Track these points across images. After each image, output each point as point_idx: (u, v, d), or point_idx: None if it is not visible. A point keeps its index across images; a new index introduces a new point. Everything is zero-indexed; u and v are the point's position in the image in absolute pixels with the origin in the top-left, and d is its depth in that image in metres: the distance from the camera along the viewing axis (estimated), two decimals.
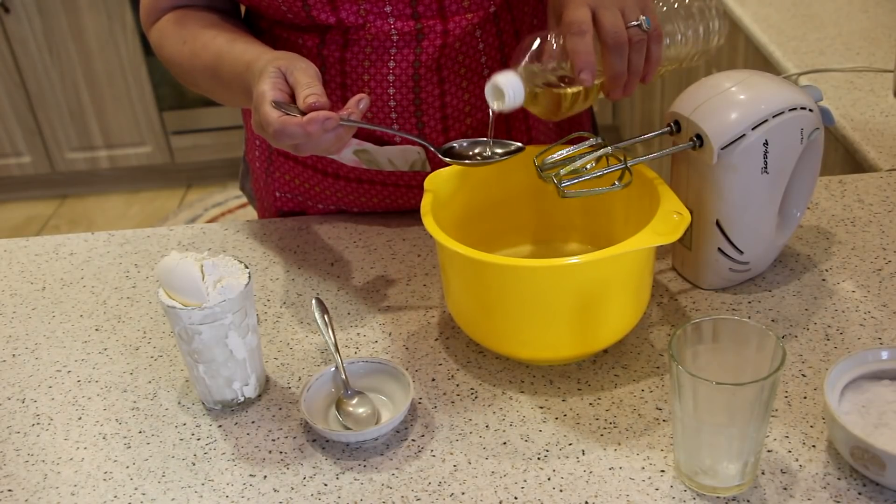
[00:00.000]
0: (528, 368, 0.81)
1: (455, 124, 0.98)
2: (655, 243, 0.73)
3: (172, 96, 3.05)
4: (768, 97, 0.81)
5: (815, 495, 0.67)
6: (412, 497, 0.69)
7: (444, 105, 0.96)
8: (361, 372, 0.79)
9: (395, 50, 0.92)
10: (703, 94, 0.82)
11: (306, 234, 1.04)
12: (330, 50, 0.93)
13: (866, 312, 0.85)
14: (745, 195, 0.83)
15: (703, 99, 0.81)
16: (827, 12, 1.65)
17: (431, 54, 0.92)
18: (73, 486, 0.73)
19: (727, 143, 0.80)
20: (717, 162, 0.80)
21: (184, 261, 0.74)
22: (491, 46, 0.96)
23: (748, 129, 0.80)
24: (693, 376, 0.62)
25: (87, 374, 0.85)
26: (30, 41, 2.91)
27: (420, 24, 0.91)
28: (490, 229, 0.92)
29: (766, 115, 0.80)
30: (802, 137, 0.83)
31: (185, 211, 3.12)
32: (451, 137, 0.98)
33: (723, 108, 0.80)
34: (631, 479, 0.69)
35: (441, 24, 0.91)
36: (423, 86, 0.94)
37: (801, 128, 0.82)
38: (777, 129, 0.81)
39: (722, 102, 0.81)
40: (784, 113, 0.81)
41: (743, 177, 0.82)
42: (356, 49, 0.93)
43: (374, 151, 0.97)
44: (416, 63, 0.92)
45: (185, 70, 0.95)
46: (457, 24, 0.92)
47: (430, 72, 0.94)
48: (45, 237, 1.08)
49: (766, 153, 0.81)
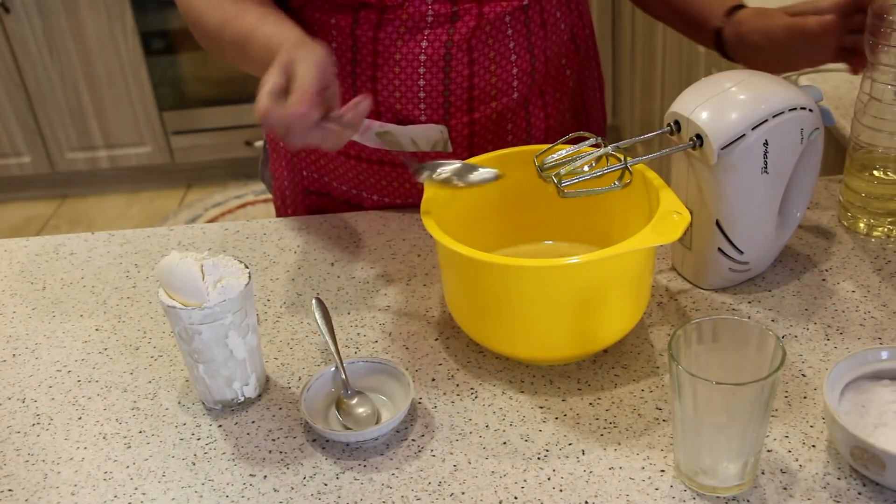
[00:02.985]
0: (528, 368, 0.81)
1: (480, 106, 0.99)
2: (655, 243, 0.73)
3: (172, 96, 3.05)
4: (768, 97, 0.81)
5: (815, 495, 0.67)
6: (412, 497, 0.69)
7: (471, 86, 0.98)
8: (361, 372, 0.79)
9: (428, 30, 0.95)
10: (704, 94, 0.82)
11: (306, 234, 1.04)
12: (363, 30, 0.96)
13: (866, 312, 0.85)
14: (745, 195, 0.83)
15: (703, 99, 0.81)
16: None
17: (464, 35, 0.95)
18: (73, 486, 0.73)
19: (727, 142, 0.80)
20: (717, 162, 0.80)
21: (184, 261, 0.74)
22: (519, 34, 0.98)
23: (748, 129, 0.80)
24: (693, 376, 0.62)
25: (87, 374, 0.85)
26: (30, 41, 2.91)
27: (456, 7, 0.94)
28: (490, 229, 0.92)
29: (767, 114, 0.80)
30: (802, 137, 0.83)
31: (185, 211, 3.12)
32: (476, 119, 1.00)
33: (723, 108, 0.80)
34: (631, 479, 0.69)
35: (477, 8, 0.94)
36: (454, 66, 0.96)
37: (802, 127, 0.82)
38: (777, 129, 0.81)
39: (722, 102, 0.81)
40: (784, 113, 0.81)
41: (743, 177, 0.82)
42: (390, 29, 0.95)
43: (397, 132, 0.99)
44: (448, 43, 0.95)
45: (211, 37, 0.95)
46: (492, 8, 0.95)
47: (461, 52, 0.96)
48: (45, 237, 1.08)
49: (766, 153, 0.81)
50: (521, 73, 1.00)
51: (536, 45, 1.00)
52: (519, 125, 1.03)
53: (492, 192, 0.90)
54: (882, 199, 0.93)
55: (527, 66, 1.00)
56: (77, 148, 3.11)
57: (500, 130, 1.02)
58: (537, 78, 1.02)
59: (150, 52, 2.96)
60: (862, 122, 0.91)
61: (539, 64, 1.01)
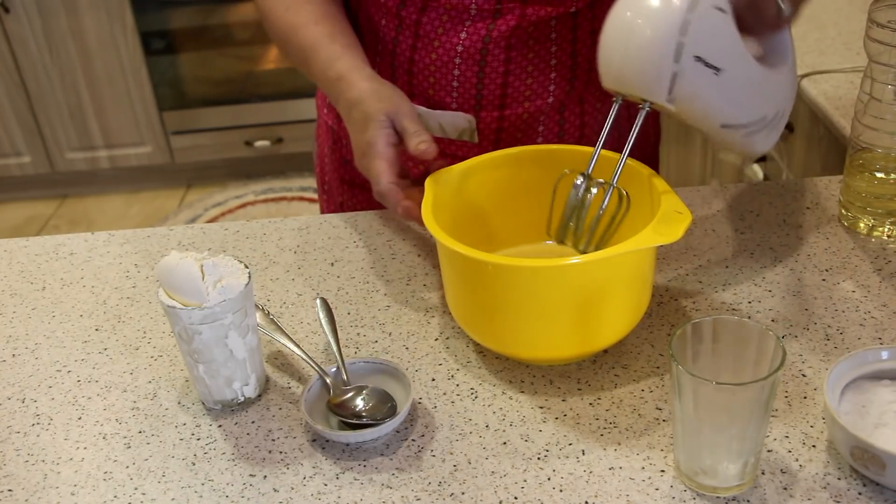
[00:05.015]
0: (528, 368, 0.81)
1: (512, 104, 1.00)
2: (656, 243, 0.73)
3: (172, 96, 3.05)
4: (669, 19, 0.74)
5: (815, 495, 0.67)
6: (412, 497, 0.69)
7: (505, 84, 0.98)
8: (361, 372, 0.79)
9: (469, 22, 0.95)
10: (617, 55, 0.77)
11: (306, 234, 1.04)
12: (408, 11, 0.97)
13: (866, 312, 0.85)
14: (721, 98, 0.78)
15: (618, 61, 0.77)
16: (827, 12, 1.65)
17: (503, 32, 0.95)
18: (73, 486, 0.73)
19: (668, 89, 0.75)
20: (676, 104, 0.77)
21: (184, 261, 0.74)
22: (564, 40, 0.98)
23: (673, 65, 0.75)
24: (693, 376, 0.62)
25: (87, 374, 0.85)
26: (30, 41, 2.91)
27: (500, 5, 0.94)
28: (491, 229, 0.92)
29: (679, 40, 0.74)
30: (724, 10, 0.76)
31: (185, 211, 3.12)
32: (506, 115, 1.01)
33: (640, 59, 0.75)
34: (631, 479, 0.69)
35: (520, 8, 0.94)
36: (489, 61, 0.97)
37: (717, 6, 0.75)
38: (697, 40, 0.74)
39: (636, 53, 0.75)
40: (690, 26, 0.73)
41: (707, 91, 0.77)
42: (433, 15, 0.96)
43: (427, 115, 0.99)
44: (486, 38, 0.95)
45: (278, 36, 0.99)
46: (535, 11, 0.95)
47: (498, 48, 0.96)
48: (45, 237, 1.08)
49: (707, 63, 0.75)
50: (559, 78, 0.99)
51: (581, 52, 0.99)
52: (551, 128, 1.03)
53: (492, 191, 0.90)
54: (882, 199, 0.93)
55: (567, 73, 1.00)
56: (77, 148, 3.11)
57: (529, 130, 1.02)
58: (577, 85, 1.01)
59: (150, 52, 2.96)
60: (862, 122, 0.91)
61: (581, 72, 1.00)
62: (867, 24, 0.87)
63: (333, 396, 0.77)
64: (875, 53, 0.88)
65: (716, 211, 1.01)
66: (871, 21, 0.87)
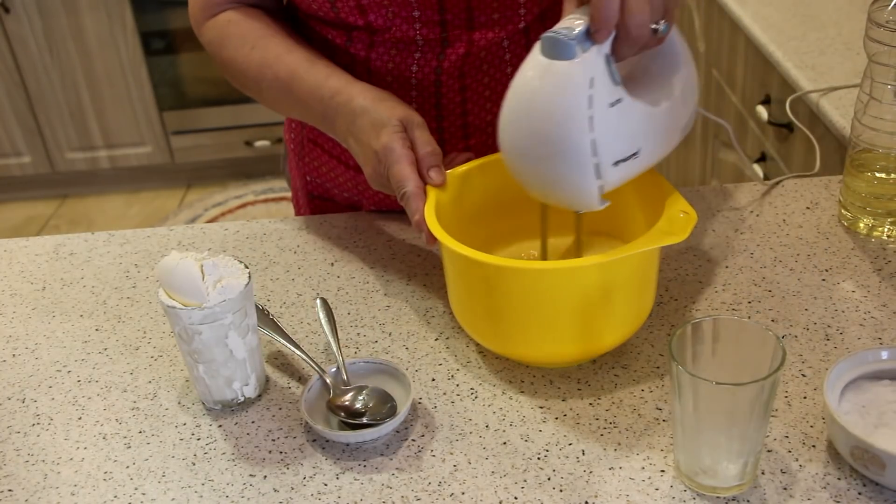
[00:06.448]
0: (528, 368, 0.81)
1: (476, 132, 0.98)
2: (662, 244, 0.73)
3: (172, 96, 3.05)
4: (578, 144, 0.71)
5: (815, 495, 0.67)
6: (412, 497, 0.69)
7: (465, 112, 0.96)
8: (361, 372, 0.79)
9: (419, 54, 0.93)
10: (535, 188, 0.77)
11: (306, 234, 1.04)
12: (357, 49, 0.95)
13: (866, 312, 0.85)
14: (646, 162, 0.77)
15: (539, 192, 0.77)
16: (827, 12, 1.65)
17: (454, 62, 0.93)
18: (73, 486, 0.73)
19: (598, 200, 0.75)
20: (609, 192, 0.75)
21: (184, 261, 0.74)
22: (518, 58, 0.95)
23: (597, 181, 0.73)
24: (693, 376, 0.62)
25: (87, 374, 0.85)
26: (30, 41, 2.91)
27: (446, 33, 0.91)
28: (493, 230, 0.91)
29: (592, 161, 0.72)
30: (619, 99, 0.72)
31: (185, 211, 3.12)
32: (472, 146, 0.99)
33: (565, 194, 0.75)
34: (631, 479, 0.69)
35: (466, 35, 0.92)
36: (445, 92, 0.95)
37: (610, 102, 0.72)
38: (608, 148, 0.72)
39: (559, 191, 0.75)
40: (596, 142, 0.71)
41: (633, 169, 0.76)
42: (381, 50, 0.94)
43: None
44: (437, 69, 0.93)
45: (249, 77, 0.95)
46: (482, 35, 0.92)
47: (451, 79, 0.94)
48: (45, 237, 1.08)
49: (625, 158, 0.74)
50: None
51: None
52: None
53: (494, 193, 0.90)
54: (882, 199, 0.93)
55: None
56: (77, 148, 3.11)
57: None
58: None
59: (150, 52, 2.96)
60: (862, 122, 0.91)
61: None
62: (867, 24, 0.87)
63: (333, 396, 0.77)
64: (875, 53, 0.88)
65: (716, 211, 1.01)
66: (870, 21, 0.87)
